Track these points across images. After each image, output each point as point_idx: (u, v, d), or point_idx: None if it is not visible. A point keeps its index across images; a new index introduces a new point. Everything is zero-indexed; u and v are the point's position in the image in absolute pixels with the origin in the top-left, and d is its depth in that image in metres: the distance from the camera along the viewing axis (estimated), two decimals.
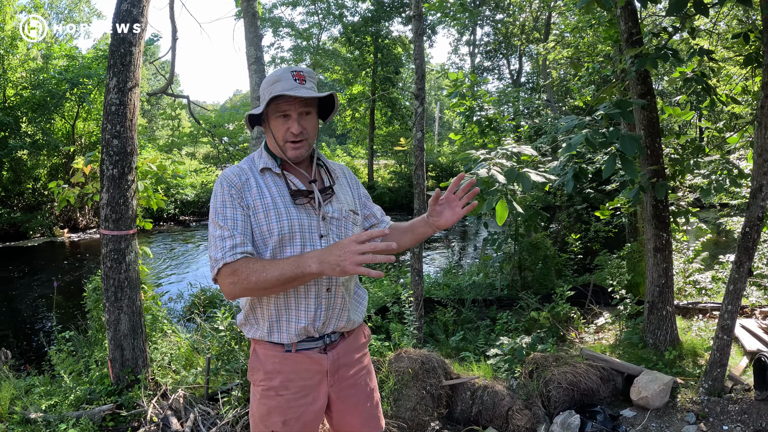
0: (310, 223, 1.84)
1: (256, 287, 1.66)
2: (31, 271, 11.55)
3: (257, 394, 1.92)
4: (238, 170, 1.88)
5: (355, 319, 1.98)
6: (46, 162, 16.28)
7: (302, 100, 1.80)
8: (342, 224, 1.92)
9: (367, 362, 2.08)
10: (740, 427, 3.65)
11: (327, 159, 2.08)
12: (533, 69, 26.51)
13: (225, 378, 4.15)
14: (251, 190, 1.83)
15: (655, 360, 4.65)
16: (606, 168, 3.20)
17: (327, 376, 1.92)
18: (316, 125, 1.91)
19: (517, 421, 3.40)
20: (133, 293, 4.35)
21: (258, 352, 1.91)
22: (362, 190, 2.14)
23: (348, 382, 1.98)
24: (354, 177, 2.15)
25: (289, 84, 1.78)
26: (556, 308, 5.49)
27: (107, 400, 3.97)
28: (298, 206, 1.85)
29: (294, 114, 1.81)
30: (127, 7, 4.26)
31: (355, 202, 2.04)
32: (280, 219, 1.79)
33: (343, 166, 2.14)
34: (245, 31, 2.47)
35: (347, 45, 21.63)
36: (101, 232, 4.33)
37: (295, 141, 1.84)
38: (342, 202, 1.96)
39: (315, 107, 1.88)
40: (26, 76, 15.33)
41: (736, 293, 3.94)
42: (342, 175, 2.08)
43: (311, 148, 1.92)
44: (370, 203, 2.14)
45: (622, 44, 4.84)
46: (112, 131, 4.26)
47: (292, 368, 1.87)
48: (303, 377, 1.89)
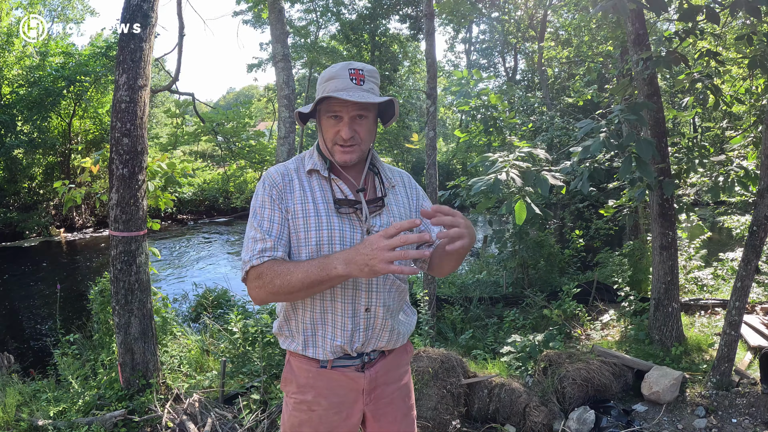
0: (352, 235, 1.70)
1: (281, 291, 1.56)
2: (28, 271, 11.45)
3: (290, 405, 1.85)
4: (284, 170, 1.76)
5: (398, 338, 1.84)
6: (42, 161, 16.15)
7: (357, 103, 1.63)
8: None
9: (407, 380, 1.96)
10: (748, 419, 3.73)
11: (385, 165, 1.90)
12: (528, 67, 26.61)
13: (239, 380, 4.12)
14: (294, 192, 1.71)
15: (662, 356, 4.72)
16: (622, 169, 3.26)
17: (363, 394, 1.82)
18: (372, 129, 1.74)
19: (534, 417, 3.45)
20: (143, 296, 4.29)
21: (292, 363, 1.83)
22: (425, 202, 1.92)
23: (385, 400, 1.87)
24: (416, 188, 1.93)
25: (343, 83, 1.63)
26: (563, 305, 5.55)
27: (118, 405, 3.84)
28: (342, 216, 1.71)
29: (346, 117, 1.65)
30: (137, 2, 4.20)
31: (409, 215, 1.84)
32: (319, 228, 1.67)
33: (405, 174, 1.94)
34: (271, 28, 2.49)
35: (345, 43, 21.61)
36: (111, 233, 4.27)
37: (345, 145, 1.68)
38: (394, 215, 1.79)
39: (372, 111, 1.71)
40: (22, 73, 15.18)
41: (744, 290, 4.01)
42: (401, 185, 1.89)
43: (364, 153, 1.75)
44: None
45: (629, 45, 4.88)
46: (122, 129, 4.18)
47: (326, 384, 1.78)
48: (337, 394, 1.79)
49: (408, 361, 1.97)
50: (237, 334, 4.28)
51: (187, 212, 19.07)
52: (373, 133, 1.75)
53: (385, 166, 1.89)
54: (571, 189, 3.63)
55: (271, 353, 4.15)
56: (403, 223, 1.38)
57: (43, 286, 9.96)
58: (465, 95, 6.06)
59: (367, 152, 1.77)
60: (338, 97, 1.58)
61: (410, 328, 1.92)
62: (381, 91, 1.77)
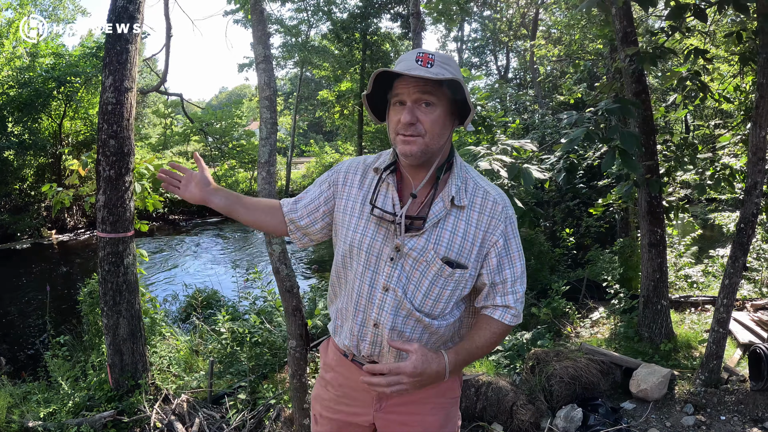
0: (381, 247, 1.56)
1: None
2: (20, 274, 11.38)
3: (318, 375, 1.90)
4: (356, 163, 1.69)
5: None
6: (33, 162, 16.04)
7: (418, 84, 1.43)
8: (418, 268, 1.54)
9: (435, 416, 1.71)
10: (737, 417, 3.75)
11: (475, 180, 1.59)
12: (520, 65, 26.69)
13: (228, 381, 4.13)
14: (352, 187, 1.64)
15: (651, 353, 4.74)
16: (605, 162, 3.25)
17: (374, 400, 1.72)
18: (441, 122, 1.48)
19: (522, 415, 3.45)
20: (131, 297, 4.30)
21: (330, 341, 1.84)
22: (504, 242, 1.55)
23: (396, 418, 1.72)
24: (499, 218, 1.55)
25: (407, 65, 1.42)
26: (552, 303, 5.56)
27: (107, 406, 3.89)
28: (379, 221, 1.56)
29: (408, 101, 1.45)
30: (123, 3, 4.19)
31: (467, 250, 1.54)
32: (352, 229, 1.60)
33: (500, 197, 1.58)
34: (253, 29, 2.46)
35: (336, 42, 21.58)
36: (98, 234, 4.27)
37: (406, 134, 1.46)
38: (440, 243, 1.53)
39: (442, 100, 1.47)
40: (12, 74, 15.06)
41: (732, 287, 4.03)
42: (474, 208, 1.55)
43: (430, 149, 1.49)
44: (504, 265, 1.56)
45: (617, 43, 4.89)
46: (109, 131, 4.19)
47: (344, 372, 1.76)
48: (350, 386, 1.75)
49: (443, 399, 1.74)
50: (225, 334, 4.27)
51: (180, 212, 18.98)
52: (442, 126, 1.49)
53: (473, 180, 1.60)
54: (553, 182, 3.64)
55: (259, 353, 4.15)
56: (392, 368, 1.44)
57: (34, 288, 9.90)
58: None
59: (437, 151, 1.52)
60: (397, 71, 1.40)
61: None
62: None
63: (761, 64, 3.73)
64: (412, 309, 1.56)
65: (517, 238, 1.59)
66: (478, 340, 1.56)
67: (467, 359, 1.57)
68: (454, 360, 1.52)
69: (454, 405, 1.77)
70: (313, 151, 29.43)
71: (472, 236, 1.53)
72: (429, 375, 1.46)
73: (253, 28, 2.42)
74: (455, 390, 1.76)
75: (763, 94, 3.76)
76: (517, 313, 1.58)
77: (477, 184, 1.58)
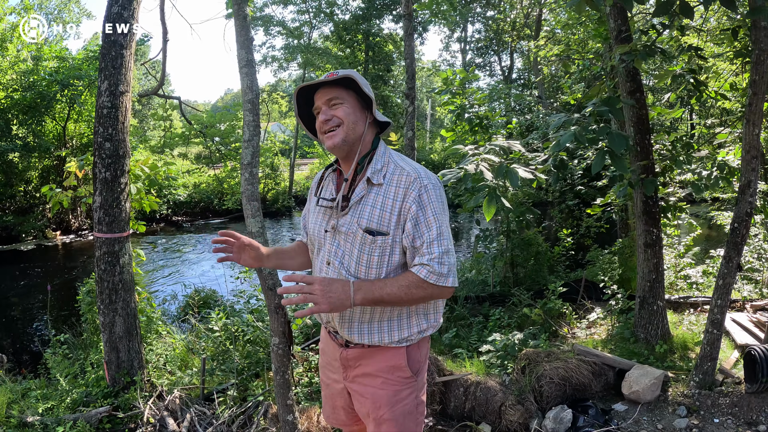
0: (320, 230, 1.88)
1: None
2: (24, 274, 11.49)
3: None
4: (318, 174, 2.01)
5: (374, 340, 1.82)
6: (38, 164, 16.18)
7: (324, 90, 1.77)
8: (348, 240, 1.77)
9: (386, 390, 1.86)
10: (731, 419, 3.70)
11: (391, 159, 1.80)
12: (524, 65, 26.59)
13: (220, 378, 4.17)
14: (312, 193, 1.99)
15: (647, 354, 4.70)
16: (594, 164, 3.24)
17: (342, 367, 1.96)
18: (353, 113, 1.77)
19: (510, 416, 3.44)
20: (127, 295, 4.37)
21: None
22: (418, 208, 1.69)
23: (357, 388, 1.94)
24: (415, 192, 1.69)
25: (316, 81, 1.80)
26: (548, 304, 5.53)
27: (103, 402, 4.01)
28: (324, 209, 1.87)
29: (322, 104, 1.78)
30: (117, 9, 4.26)
31: (386, 219, 1.71)
32: (311, 222, 1.93)
33: (418, 175, 1.72)
34: (236, 34, 2.48)
35: (338, 43, 21.62)
36: (95, 234, 4.33)
37: (327, 131, 1.77)
38: (362, 216, 1.74)
39: (349, 98, 1.78)
40: (16, 77, 15.20)
41: (726, 288, 3.99)
42: (391, 184, 1.73)
43: (350, 138, 1.76)
44: (421, 229, 1.69)
45: (612, 41, 4.87)
46: (104, 134, 4.26)
47: (325, 340, 2.05)
48: (327, 353, 2.04)
49: (391, 376, 1.87)
50: (218, 332, 4.30)
51: (182, 213, 19.06)
52: (356, 115, 1.79)
53: (394, 162, 1.79)
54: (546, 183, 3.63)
55: (252, 351, 4.18)
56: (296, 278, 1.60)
57: (38, 288, 10.01)
58: (450, 94, 6.05)
59: (357, 140, 1.78)
60: (303, 85, 1.80)
61: (400, 333, 1.82)
62: (375, 92, 1.89)
63: (754, 60, 3.70)
64: (349, 276, 1.77)
65: (433, 205, 1.70)
66: (391, 281, 1.70)
67: (375, 291, 1.67)
68: (359, 284, 1.66)
69: (406, 387, 1.88)
70: (316, 153, 29.47)
71: (390, 207, 1.72)
72: (336, 290, 1.61)
73: (236, 33, 2.44)
74: (405, 371, 1.86)
75: (756, 92, 3.72)
76: (435, 270, 1.66)
77: (397, 164, 1.78)
